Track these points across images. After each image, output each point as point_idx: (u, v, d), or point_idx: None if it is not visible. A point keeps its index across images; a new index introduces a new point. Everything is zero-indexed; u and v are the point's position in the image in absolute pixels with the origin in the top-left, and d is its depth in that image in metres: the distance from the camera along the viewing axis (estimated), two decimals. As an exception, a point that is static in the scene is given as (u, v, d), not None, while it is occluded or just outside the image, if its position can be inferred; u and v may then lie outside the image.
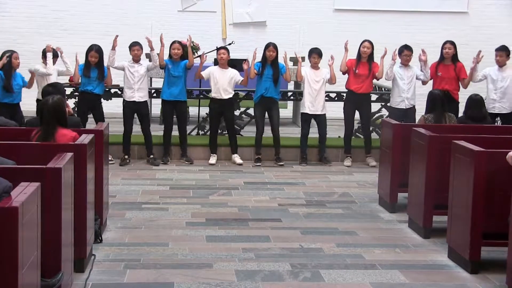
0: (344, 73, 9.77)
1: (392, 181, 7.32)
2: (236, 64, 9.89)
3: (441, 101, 7.66)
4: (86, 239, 5.26)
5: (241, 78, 9.59)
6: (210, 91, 9.73)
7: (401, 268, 5.52)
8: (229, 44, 11.45)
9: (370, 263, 5.65)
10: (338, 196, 8.05)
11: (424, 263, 5.71)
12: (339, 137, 10.21)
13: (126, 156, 9.45)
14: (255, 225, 6.72)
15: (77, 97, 9.86)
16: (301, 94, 10.18)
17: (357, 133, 10.47)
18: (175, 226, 6.60)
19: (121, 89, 9.88)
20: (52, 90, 6.54)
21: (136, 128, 9.67)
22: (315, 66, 9.67)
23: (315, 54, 9.63)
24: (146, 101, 9.69)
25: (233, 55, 10.16)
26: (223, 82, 9.49)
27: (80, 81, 9.41)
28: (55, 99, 5.74)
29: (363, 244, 6.17)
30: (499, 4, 13.78)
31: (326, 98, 10.22)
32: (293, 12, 13.58)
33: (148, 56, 9.91)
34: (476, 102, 7.66)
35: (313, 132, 9.89)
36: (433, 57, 9.77)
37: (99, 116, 9.29)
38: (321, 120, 9.72)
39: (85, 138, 5.53)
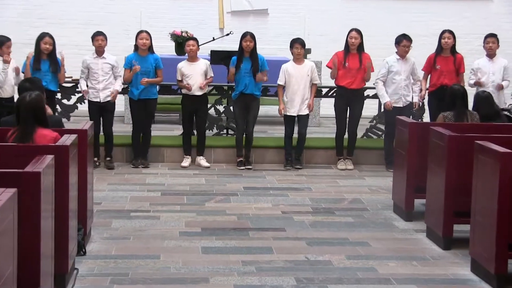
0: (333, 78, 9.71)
1: (408, 186, 7.32)
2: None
3: (462, 97, 7.66)
4: (68, 251, 5.24)
5: (212, 73, 9.51)
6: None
7: (418, 283, 5.52)
8: (227, 34, 11.49)
9: (384, 277, 5.64)
10: (348, 203, 8.05)
11: (444, 277, 5.70)
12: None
13: (96, 159, 9.25)
14: (256, 235, 6.72)
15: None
16: None
17: (369, 133, 10.45)
18: (167, 237, 6.59)
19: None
20: (29, 85, 6.53)
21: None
22: (298, 60, 9.52)
23: (298, 44, 9.42)
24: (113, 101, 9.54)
25: (232, 47, 10.14)
26: (195, 77, 9.41)
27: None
28: (33, 95, 5.73)
29: (376, 256, 6.16)
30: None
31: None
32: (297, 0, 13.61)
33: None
34: (485, 99, 7.72)
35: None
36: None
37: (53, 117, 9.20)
38: (302, 120, 9.58)
39: (67, 139, 5.53)
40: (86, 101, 9.80)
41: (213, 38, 11.75)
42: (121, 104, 11.01)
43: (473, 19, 13.16)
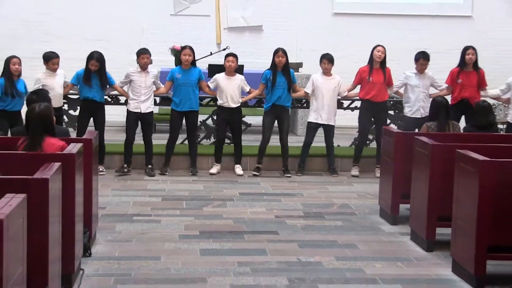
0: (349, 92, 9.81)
1: (394, 192, 7.32)
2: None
3: (444, 108, 7.69)
4: (74, 253, 5.23)
5: (248, 87, 9.60)
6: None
7: (403, 283, 5.52)
8: (224, 49, 11.49)
9: (371, 277, 5.64)
10: (338, 208, 8.05)
11: (427, 278, 5.70)
12: (338, 146, 10.20)
13: (125, 165, 9.41)
14: (251, 238, 6.71)
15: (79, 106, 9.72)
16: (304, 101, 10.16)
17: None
18: (167, 239, 6.58)
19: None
20: (36, 98, 6.55)
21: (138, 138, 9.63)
22: (326, 73, 9.63)
23: (326, 60, 9.57)
24: (152, 111, 9.61)
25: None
26: (230, 91, 9.47)
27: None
28: (42, 106, 5.74)
29: (364, 258, 6.16)
30: (503, 8, 13.84)
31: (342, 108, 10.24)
32: (291, 16, 13.64)
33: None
34: (482, 109, 7.68)
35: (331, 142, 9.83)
36: (436, 62, 9.79)
37: (100, 125, 9.29)
38: (329, 130, 9.67)
39: (73, 148, 5.52)
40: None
41: (211, 52, 11.78)
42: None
43: (456, 36, 13.22)
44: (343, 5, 13.74)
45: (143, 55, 9.32)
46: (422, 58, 9.54)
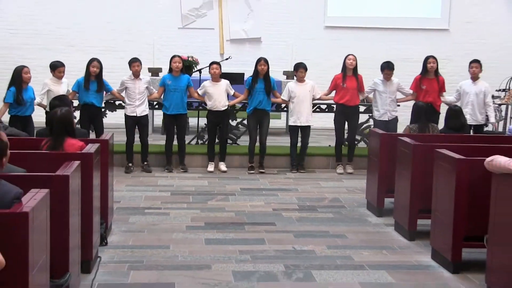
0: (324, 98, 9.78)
1: (380, 187, 7.33)
2: (234, 78, 9.87)
3: (425, 112, 7.70)
4: (92, 242, 5.25)
5: (233, 91, 9.60)
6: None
7: (388, 269, 5.53)
8: (226, 59, 11.49)
9: (359, 264, 5.66)
10: (329, 201, 8.05)
11: (409, 264, 5.72)
12: (330, 146, 10.21)
13: (130, 164, 9.44)
14: (251, 229, 6.72)
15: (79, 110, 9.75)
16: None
17: (362, 141, 10.45)
18: (175, 230, 6.60)
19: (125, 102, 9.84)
20: (58, 103, 6.56)
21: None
22: (301, 80, 9.61)
23: (302, 68, 9.56)
24: (147, 114, 9.62)
25: (230, 69, 10.17)
26: (217, 95, 9.45)
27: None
28: (63, 111, 5.75)
29: (352, 246, 6.18)
30: (477, 22, 13.87)
31: (317, 110, 10.25)
32: (286, 29, 13.64)
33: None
34: (455, 112, 7.71)
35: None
36: (417, 71, 9.79)
37: (100, 128, 9.25)
38: (305, 131, 9.66)
39: (91, 147, 5.54)
40: (107, 116, 9.88)
41: (229, 57, 11.73)
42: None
43: (435, 47, 13.25)
44: (333, 19, 13.75)
45: (134, 63, 9.31)
46: (386, 68, 9.52)
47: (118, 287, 5.02)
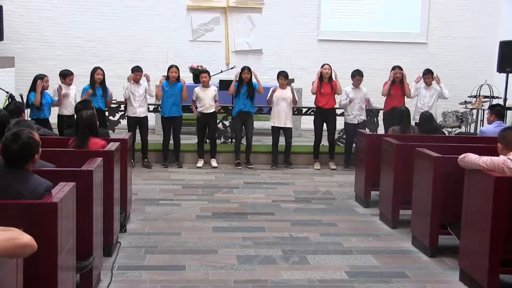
0: (313, 93, 9.73)
1: (366, 181, 7.33)
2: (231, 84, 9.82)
3: (406, 115, 7.70)
4: (113, 229, 5.26)
5: (217, 97, 9.53)
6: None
7: (373, 253, 5.54)
8: (231, 68, 11.48)
9: (348, 249, 5.66)
10: (322, 194, 8.05)
11: (392, 249, 5.72)
12: (322, 145, 10.17)
13: (132, 160, 9.25)
14: (253, 218, 6.72)
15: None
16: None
17: (337, 142, 10.45)
18: (186, 219, 6.60)
19: (125, 106, 9.75)
20: (81, 106, 6.60)
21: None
22: (282, 87, 9.53)
23: (282, 76, 9.48)
24: (146, 115, 9.55)
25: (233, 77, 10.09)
26: (206, 99, 9.44)
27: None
28: (88, 113, 5.77)
29: (342, 234, 6.18)
30: (452, 37, 13.86)
31: (296, 112, 10.16)
32: (284, 42, 13.60)
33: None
34: (426, 118, 7.78)
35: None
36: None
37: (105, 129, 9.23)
38: (287, 132, 9.59)
39: (112, 146, 5.54)
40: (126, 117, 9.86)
41: (221, 70, 11.76)
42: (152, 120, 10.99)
43: (415, 58, 13.23)
44: (326, 33, 13.72)
45: (136, 72, 9.33)
46: (357, 75, 9.52)
47: (135, 268, 5.02)
